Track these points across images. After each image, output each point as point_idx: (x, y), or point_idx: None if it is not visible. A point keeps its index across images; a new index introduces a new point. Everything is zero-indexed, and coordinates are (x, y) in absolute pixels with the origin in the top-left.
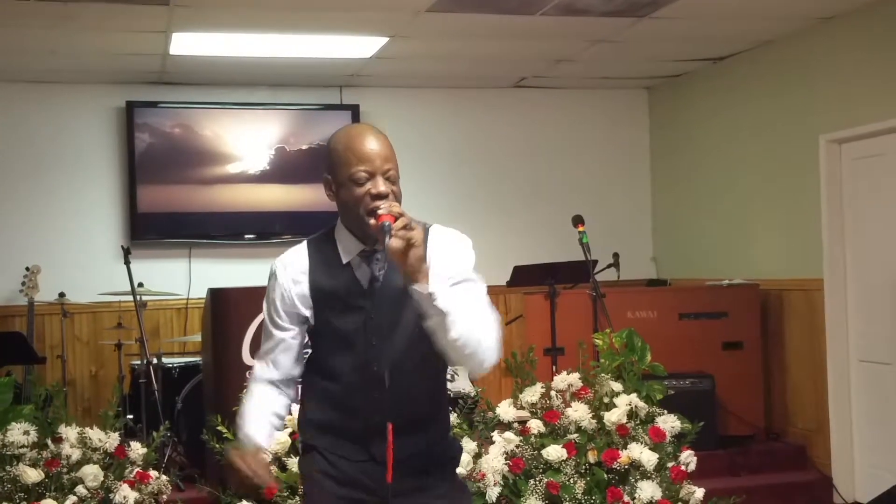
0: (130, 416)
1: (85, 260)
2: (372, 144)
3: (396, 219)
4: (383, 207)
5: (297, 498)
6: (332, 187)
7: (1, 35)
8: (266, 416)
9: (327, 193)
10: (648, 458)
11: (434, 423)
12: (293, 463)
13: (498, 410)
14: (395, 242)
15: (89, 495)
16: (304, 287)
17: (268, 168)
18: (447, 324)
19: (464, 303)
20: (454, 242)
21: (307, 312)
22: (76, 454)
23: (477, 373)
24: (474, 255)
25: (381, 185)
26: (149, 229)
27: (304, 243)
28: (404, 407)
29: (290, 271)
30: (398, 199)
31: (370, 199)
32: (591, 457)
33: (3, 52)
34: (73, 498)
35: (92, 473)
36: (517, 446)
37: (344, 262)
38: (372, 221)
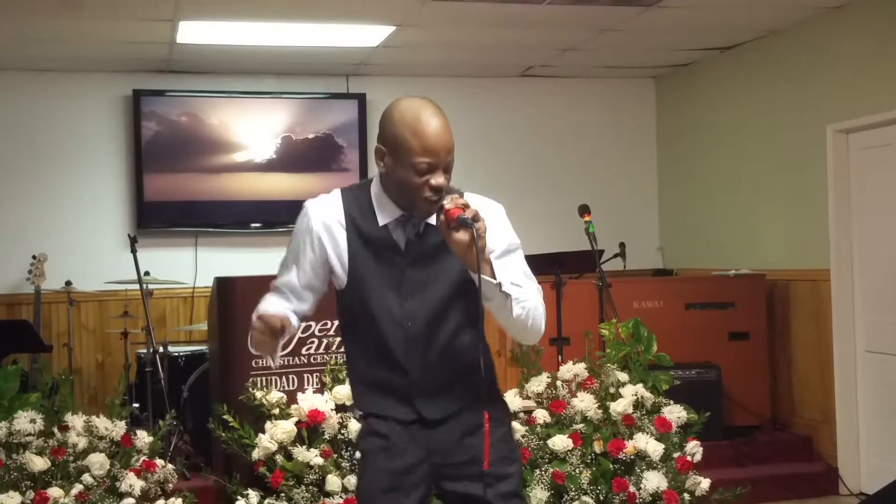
0: (136, 405)
1: (91, 248)
2: (439, 137)
3: (464, 210)
4: (448, 202)
5: (304, 487)
6: (385, 158)
7: (8, 24)
8: (278, 305)
9: (378, 163)
10: (654, 448)
11: (477, 378)
12: (299, 452)
13: None
14: (461, 235)
15: (95, 484)
16: (341, 239)
17: (274, 157)
18: (510, 305)
19: (518, 279)
20: (492, 211)
21: (339, 268)
22: (82, 442)
23: (532, 342)
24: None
25: (441, 178)
26: (155, 218)
27: (339, 193)
28: (445, 363)
29: (326, 220)
30: (447, 189)
31: (428, 189)
32: (597, 447)
33: (10, 40)
34: (79, 486)
35: (98, 462)
36: (523, 436)
37: (381, 223)
38: (430, 214)
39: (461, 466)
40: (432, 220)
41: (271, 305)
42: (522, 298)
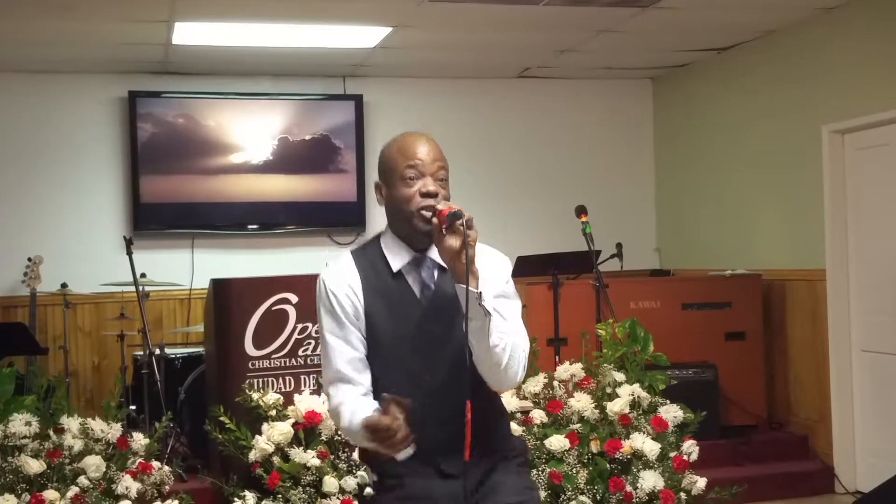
0: (133, 407)
1: (87, 250)
2: (422, 146)
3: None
4: (441, 203)
5: (300, 488)
6: (382, 191)
7: (3, 25)
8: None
9: (378, 199)
10: (651, 447)
11: (492, 426)
12: (296, 453)
13: None
14: (452, 241)
15: (91, 486)
16: (358, 301)
17: (271, 158)
18: (489, 328)
19: (504, 312)
20: (496, 258)
21: (361, 327)
22: (78, 445)
23: (505, 387)
24: (510, 269)
25: (431, 185)
26: (151, 220)
27: (349, 255)
28: (459, 415)
29: (341, 290)
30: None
31: (420, 197)
32: (594, 447)
33: (5, 42)
34: (75, 489)
35: (94, 464)
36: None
37: (395, 269)
38: (426, 221)
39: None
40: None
41: (361, 409)
42: (504, 330)
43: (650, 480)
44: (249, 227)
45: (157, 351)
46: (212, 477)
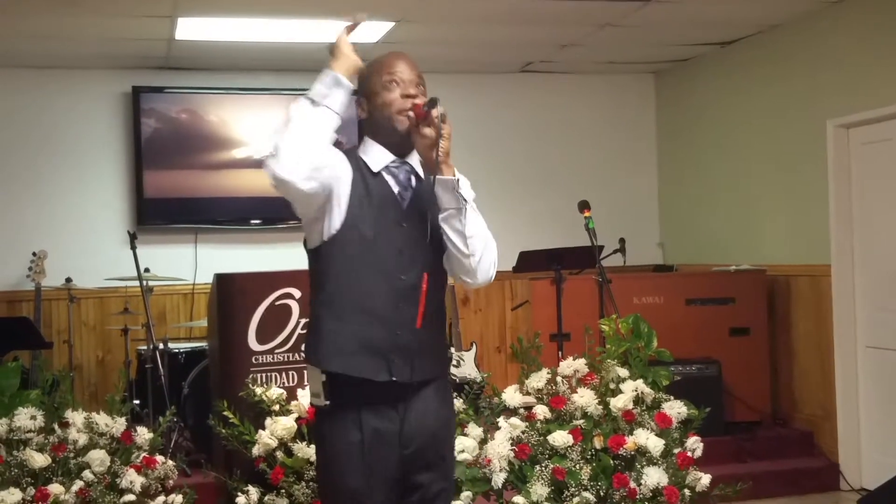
0: (137, 402)
1: (91, 245)
2: (402, 61)
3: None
4: (418, 98)
5: (304, 483)
6: (363, 104)
7: (6, 21)
8: None
9: (358, 112)
10: (654, 444)
11: (441, 334)
12: (300, 448)
13: (504, 396)
14: (428, 131)
15: (96, 480)
16: (346, 183)
17: None
18: (465, 216)
19: (475, 211)
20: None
21: (336, 211)
22: (83, 439)
23: (479, 280)
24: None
25: (412, 88)
26: (155, 214)
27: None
28: (425, 319)
29: (339, 161)
30: None
31: (401, 99)
32: (597, 443)
33: (8, 37)
34: (79, 483)
35: (98, 458)
36: (523, 432)
37: (374, 170)
38: (404, 118)
39: (420, 400)
40: (421, 170)
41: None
42: (478, 222)
43: (654, 477)
44: (252, 221)
45: (161, 345)
46: (215, 471)
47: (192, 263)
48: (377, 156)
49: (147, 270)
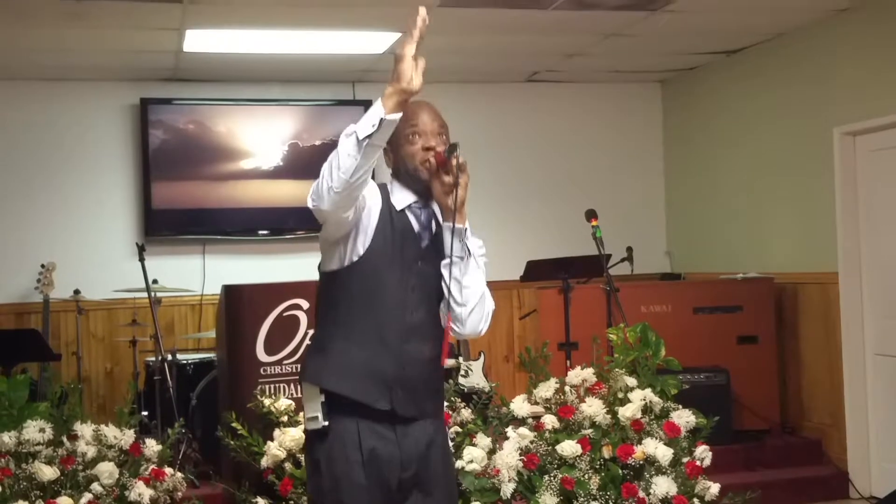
0: (145, 413)
1: (100, 257)
2: (424, 112)
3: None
4: (439, 147)
5: None
6: (389, 155)
7: (15, 33)
8: None
9: (385, 161)
10: (663, 453)
11: (439, 381)
12: None
13: (512, 406)
14: (446, 178)
15: (105, 493)
16: (375, 213)
17: (281, 164)
18: (466, 267)
19: (479, 260)
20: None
21: (360, 238)
22: (91, 451)
23: (467, 332)
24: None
25: (433, 140)
26: (163, 226)
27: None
28: (428, 359)
29: (370, 191)
30: None
31: (423, 151)
32: (606, 452)
33: (17, 49)
34: (88, 495)
35: (107, 471)
36: (531, 442)
37: (398, 208)
38: (425, 169)
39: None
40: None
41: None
42: (478, 273)
43: (663, 486)
44: (260, 232)
45: (169, 357)
46: (224, 483)
47: (200, 274)
48: (402, 195)
49: (155, 282)
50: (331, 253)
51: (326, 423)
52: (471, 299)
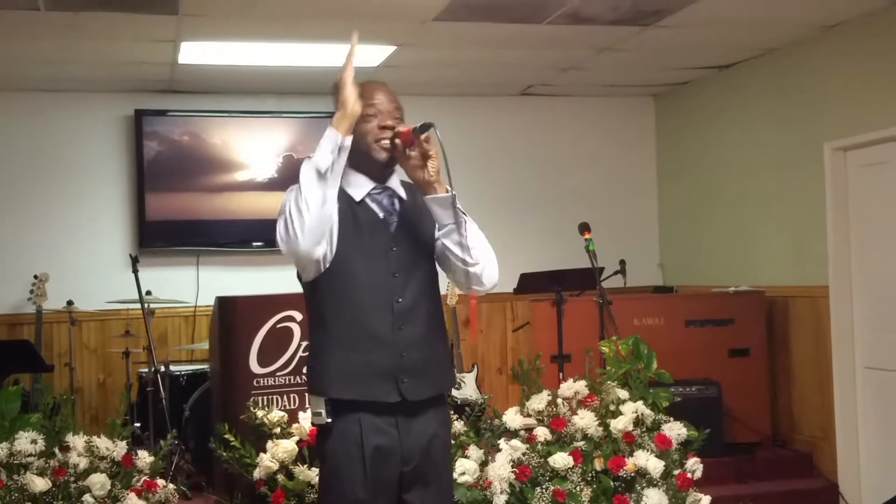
0: (138, 424)
1: (93, 268)
2: (379, 92)
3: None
4: (400, 126)
5: None
6: None
7: (10, 44)
8: None
9: None
10: (655, 465)
11: (446, 359)
12: (301, 471)
13: (504, 418)
14: (417, 156)
15: None
16: (333, 219)
17: (276, 176)
18: (465, 229)
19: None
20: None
21: (328, 252)
22: (83, 463)
23: (487, 287)
24: None
25: (389, 119)
26: (157, 237)
27: None
28: (425, 338)
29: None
30: None
31: (378, 129)
32: (598, 464)
33: (12, 60)
34: None
35: (99, 482)
36: (524, 454)
37: (357, 199)
38: (385, 149)
39: (421, 419)
40: (403, 192)
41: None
42: (476, 230)
43: (654, 498)
44: (254, 244)
45: (162, 368)
46: (216, 495)
47: (193, 286)
48: (359, 185)
49: (149, 293)
50: (306, 265)
51: (329, 421)
52: (481, 256)
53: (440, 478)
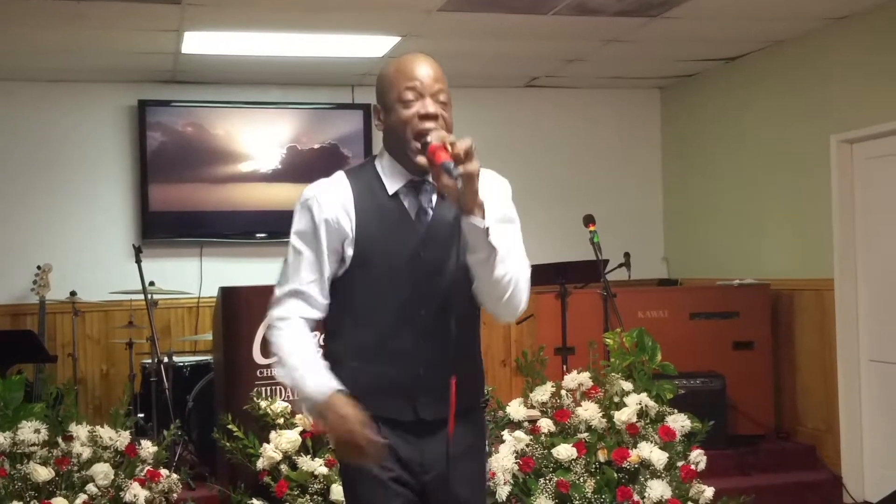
0: (141, 415)
1: (96, 258)
2: (422, 66)
3: (449, 151)
4: (433, 136)
5: (308, 496)
6: (381, 115)
7: (14, 34)
8: (320, 360)
9: (375, 123)
10: (658, 457)
11: (475, 376)
12: (304, 461)
13: (508, 409)
14: (447, 180)
15: (100, 494)
16: (347, 221)
17: (279, 167)
18: (494, 262)
19: (508, 243)
20: (496, 181)
21: (349, 250)
22: (87, 453)
23: (506, 318)
24: (511, 192)
25: (430, 106)
26: (160, 228)
27: (341, 174)
28: (451, 357)
29: (329, 203)
30: (448, 125)
31: (418, 119)
32: (602, 456)
33: (15, 51)
34: (83, 496)
35: (102, 472)
36: (527, 445)
37: (390, 192)
38: (419, 152)
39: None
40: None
41: (316, 370)
42: (508, 262)
43: (658, 490)
44: (258, 235)
45: (166, 359)
46: (219, 485)
47: (197, 277)
48: (394, 175)
49: (152, 284)
50: None
51: None
52: (507, 289)
53: (469, 487)
